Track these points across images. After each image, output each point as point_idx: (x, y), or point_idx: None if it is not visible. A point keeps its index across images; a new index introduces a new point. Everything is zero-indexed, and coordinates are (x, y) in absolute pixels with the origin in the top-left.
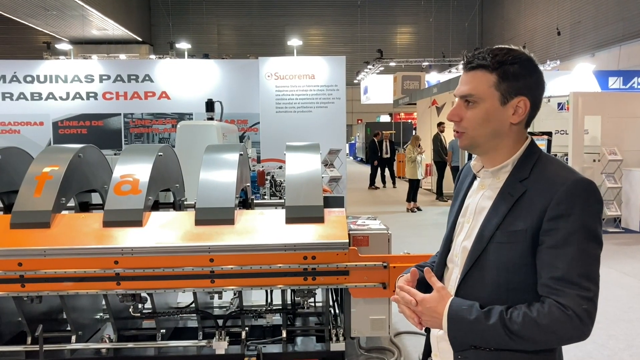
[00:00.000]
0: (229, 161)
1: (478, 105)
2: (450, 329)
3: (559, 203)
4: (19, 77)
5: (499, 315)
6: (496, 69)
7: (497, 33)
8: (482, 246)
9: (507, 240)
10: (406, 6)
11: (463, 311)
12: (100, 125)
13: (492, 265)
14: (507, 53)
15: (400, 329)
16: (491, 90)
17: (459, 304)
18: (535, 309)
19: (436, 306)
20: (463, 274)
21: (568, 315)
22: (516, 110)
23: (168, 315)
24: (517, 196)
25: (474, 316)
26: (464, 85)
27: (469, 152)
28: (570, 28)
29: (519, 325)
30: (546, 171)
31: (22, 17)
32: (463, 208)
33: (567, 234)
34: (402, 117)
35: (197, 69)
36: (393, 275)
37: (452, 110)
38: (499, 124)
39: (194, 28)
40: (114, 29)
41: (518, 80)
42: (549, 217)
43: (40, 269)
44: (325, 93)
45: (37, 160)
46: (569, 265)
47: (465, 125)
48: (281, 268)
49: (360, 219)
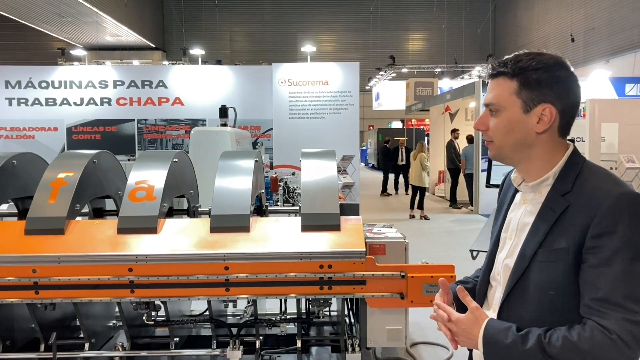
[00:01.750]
0: (244, 168)
1: (500, 114)
2: (486, 353)
3: (602, 219)
4: (34, 83)
5: (537, 339)
6: (517, 76)
7: (510, 39)
8: (524, 265)
9: (549, 259)
10: (418, 12)
11: (499, 334)
12: (113, 131)
13: (535, 285)
14: (531, 58)
15: (417, 339)
16: (512, 98)
17: (495, 327)
18: (576, 332)
19: (471, 328)
20: (505, 293)
21: (612, 340)
22: (541, 119)
23: (182, 323)
24: (559, 212)
25: (509, 340)
26: (488, 93)
27: (502, 162)
28: (584, 34)
29: (558, 349)
30: (589, 183)
31: (38, 24)
32: (505, 223)
33: (611, 253)
34: (414, 124)
35: (210, 75)
36: (411, 285)
37: (478, 118)
38: (523, 134)
39: (207, 34)
40: (128, 35)
41: (541, 87)
42: (592, 235)
43: (54, 275)
44: (339, 99)
45: (52, 166)
46: (613, 285)
47: (491, 134)
48: (297, 277)
49: (376, 227)
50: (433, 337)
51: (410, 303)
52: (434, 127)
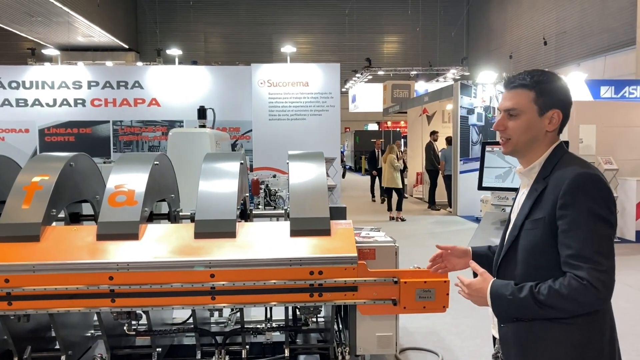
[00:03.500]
0: (229, 171)
1: (520, 117)
2: (493, 306)
3: (565, 193)
4: (3, 83)
5: (529, 289)
6: (534, 87)
7: (483, 43)
8: (515, 233)
9: (532, 227)
10: (393, 15)
11: (501, 288)
12: (88, 133)
13: (522, 248)
14: (542, 74)
15: (406, 345)
16: (531, 105)
17: (498, 284)
18: (558, 282)
19: (480, 288)
20: (503, 255)
21: (584, 285)
22: (551, 120)
23: (165, 333)
24: (540, 190)
25: (509, 292)
26: (508, 100)
27: (513, 156)
28: (555, 38)
29: (545, 296)
30: (562, 167)
31: (6, 23)
32: (514, 206)
33: (575, 218)
34: (389, 126)
35: (188, 76)
36: (404, 291)
37: (497, 121)
38: (537, 132)
39: (181, 35)
40: (100, 36)
41: (552, 96)
42: (559, 206)
43: (28, 285)
44: (320, 101)
45: (26, 169)
46: (582, 244)
47: (509, 133)
48: (286, 284)
49: (364, 230)
50: (422, 342)
51: (403, 309)
52: (411, 129)
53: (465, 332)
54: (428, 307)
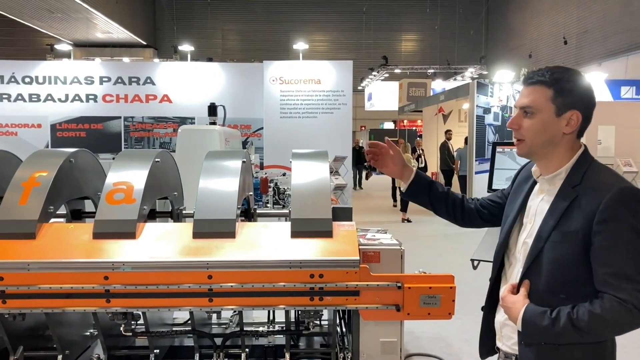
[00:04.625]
0: (230, 169)
1: (535, 116)
2: (524, 331)
3: (607, 207)
4: (17, 78)
5: (567, 317)
6: (553, 85)
7: (502, 41)
8: (540, 244)
9: (561, 239)
10: (411, 13)
11: (536, 317)
12: (99, 129)
13: (548, 261)
14: (563, 72)
15: (412, 350)
16: (548, 103)
17: (532, 311)
18: (598, 305)
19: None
20: (525, 268)
21: (628, 309)
22: (569, 122)
23: (162, 334)
24: (569, 201)
25: (545, 322)
26: (524, 97)
27: (527, 158)
28: (576, 37)
29: (586, 322)
30: (596, 178)
31: (27, 20)
32: (526, 209)
33: (615, 235)
34: (406, 125)
35: (200, 72)
36: (408, 297)
37: (512, 119)
38: (553, 134)
39: (198, 32)
40: (119, 32)
41: (572, 96)
42: (598, 220)
43: (23, 283)
44: (331, 98)
45: (25, 164)
46: (622, 262)
47: (523, 133)
48: (285, 287)
49: (370, 232)
50: (429, 348)
51: (406, 316)
52: (426, 128)
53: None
54: (433, 314)
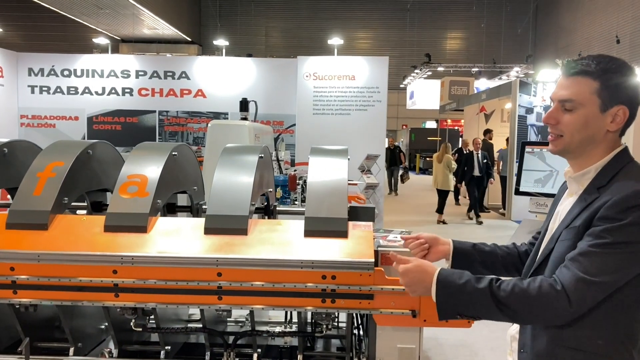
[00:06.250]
0: (246, 164)
1: (577, 111)
2: (438, 294)
3: (614, 205)
4: (56, 71)
5: (489, 282)
6: (600, 76)
7: (551, 40)
8: (552, 245)
9: (565, 237)
10: (457, 11)
11: (453, 275)
12: (134, 122)
13: (552, 259)
14: (610, 61)
15: (433, 358)
16: (592, 97)
17: (448, 271)
18: (527, 281)
19: (423, 274)
20: (534, 268)
21: (557, 291)
22: (614, 119)
23: (173, 331)
24: (589, 202)
25: (463, 280)
26: (564, 89)
27: (562, 156)
28: (630, 36)
29: (507, 293)
30: (623, 180)
31: (77, 15)
32: (554, 215)
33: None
34: (448, 124)
35: (234, 68)
36: (424, 302)
37: (548, 113)
38: (595, 131)
39: (243, 29)
40: (165, 29)
41: (619, 89)
42: (600, 216)
43: (33, 274)
44: (366, 95)
45: (42, 155)
46: (595, 257)
47: (562, 128)
48: (296, 287)
49: (392, 234)
50: (452, 355)
51: (423, 322)
52: (467, 127)
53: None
54: (451, 322)
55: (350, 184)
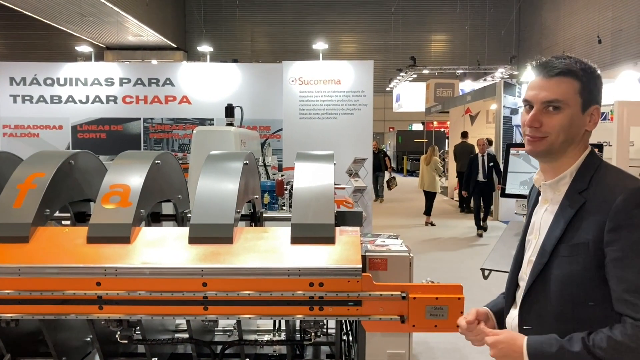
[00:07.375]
0: (230, 172)
1: (563, 111)
2: None
3: (618, 212)
4: (39, 80)
5: (582, 344)
6: (581, 77)
7: (534, 41)
8: (544, 260)
9: (570, 253)
10: (441, 13)
11: (543, 345)
12: (119, 130)
13: (556, 279)
14: (583, 62)
15: None
16: (576, 97)
17: (536, 339)
18: (618, 331)
19: (512, 345)
20: (527, 288)
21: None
22: (591, 118)
23: (159, 342)
24: (576, 208)
25: (555, 348)
26: (548, 90)
27: (542, 158)
28: (611, 36)
29: (604, 350)
30: (605, 181)
31: (61, 24)
32: (530, 225)
33: (630, 244)
34: (435, 126)
35: (219, 73)
36: (413, 308)
37: (533, 115)
38: (577, 130)
39: (228, 35)
40: (149, 35)
41: (596, 89)
42: (609, 229)
43: (14, 289)
44: (352, 99)
45: (22, 166)
46: (635, 273)
47: (547, 130)
48: (283, 296)
49: (380, 238)
50: (442, 359)
51: (412, 327)
52: (453, 129)
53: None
54: (440, 326)
55: (338, 187)
